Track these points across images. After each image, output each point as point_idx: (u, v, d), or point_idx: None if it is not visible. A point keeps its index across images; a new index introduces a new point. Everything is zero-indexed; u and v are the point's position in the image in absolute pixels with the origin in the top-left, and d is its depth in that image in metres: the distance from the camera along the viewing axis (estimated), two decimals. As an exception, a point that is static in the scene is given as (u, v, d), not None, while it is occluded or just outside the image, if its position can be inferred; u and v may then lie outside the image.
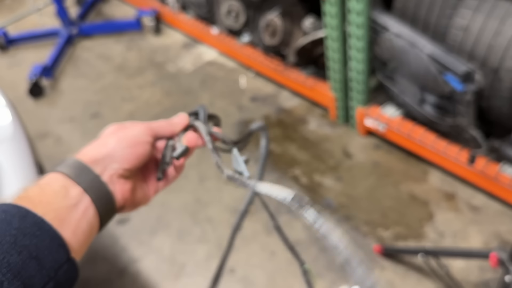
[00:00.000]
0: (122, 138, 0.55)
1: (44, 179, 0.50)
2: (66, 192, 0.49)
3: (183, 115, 0.65)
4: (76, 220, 0.48)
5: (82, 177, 0.50)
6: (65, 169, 0.50)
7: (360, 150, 2.17)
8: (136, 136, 0.56)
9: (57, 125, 2.62)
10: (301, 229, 1.87)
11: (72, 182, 0.49)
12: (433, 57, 1.67)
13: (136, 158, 0.55)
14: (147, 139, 0.57)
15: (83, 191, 0.50)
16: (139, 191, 0.58)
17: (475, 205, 1.85)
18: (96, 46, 3.23)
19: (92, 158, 0.52)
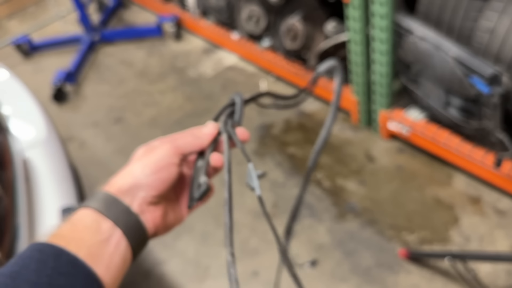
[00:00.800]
0: (147, 164, 0.53)
1: (76, 215, 0.50)
2: (98, 227, 0.49)
3: (212, 125, 0.62)
4: (109, 254, 0.48)
5: (112, 210, 0.50)
6: (95, 203, 0.51)
7: (383, 153, 2.16)
8: (161, 160, 0.54)
9: (80, 129, 2.67)
10: (325, 233, 1.87)
11: (103, 216, 0.50)
12: (458, 59, 1.66)
13: (162, 183, 0.54)
14: (173, 161, 0.55)
15: (113, 225, 0.50)
16: (171, 213, 0.58)
17: (501, 209, 1.83)
18: (118, 52, 3.28)
19: (119, 188, 0.52)
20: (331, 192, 2.04)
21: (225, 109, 0.65)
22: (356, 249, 1.80)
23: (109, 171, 1.59)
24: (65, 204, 1.12)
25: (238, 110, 0.64)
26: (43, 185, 1.16)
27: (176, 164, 0.55)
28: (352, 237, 1.84)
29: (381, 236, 1.82)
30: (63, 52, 3.39)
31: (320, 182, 2.08)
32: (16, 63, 3.38)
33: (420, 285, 1.66)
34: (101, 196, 0.51)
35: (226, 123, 0.62)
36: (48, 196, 1.13)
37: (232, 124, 0.62)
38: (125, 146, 2.49)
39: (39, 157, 1.23)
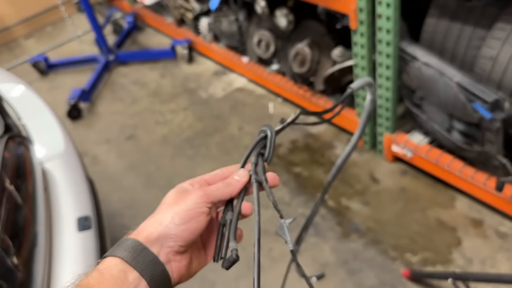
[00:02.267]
0: (177, 213, 0.54)
1: (103, 263, 0.51)
2: (125, 278, 0.50)
3: (243, 173, 0.61)
4: None
5: (139, 260, 0.51)
6: (123, 252, 0.51)
7: (387, 175, 2.20)
8: (192, 209, 0.54)
9: (94, 145, 2.75)
10: (329, 252, 1.90)
11: (129, 266, 0.50)
12: (462, 85, 1.72)
13: (191, 233, 0.54)
14: (203, 210, 0.55)
15: (139, 276, 0.51)
16: (196, 260, 0.59)
17: (503, 232, 1.86)
18: (132, 73, 3.39)
19: (148, 237, 0.53)
20: (336, 212, 2.07)
21: (257, 145, 0.62)
22: (360, 268, 1.82)
23: (120, 186, 1.68)
24: (81, 214, 1.18)
25: (270, 146, 0.62)
26: (61, 195, 1.22)
27: (205, 214, 0.56)
28: (356, 256, 1.87)
29: (384, 256, 1.85)
30: (78, 71, 3.51)
31: (325, 202, 2.13)
32: (33, 81, 3.50)
33: (423, 305, 1.68)
34: (129, 244, 0.52)
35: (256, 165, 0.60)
36: (66, 206, 1.19)
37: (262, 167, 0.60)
38: (136, 162, 2.55)
39: (57, 169, 1.29)
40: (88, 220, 1.14)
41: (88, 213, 1.17)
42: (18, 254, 0.99)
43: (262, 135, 0.63)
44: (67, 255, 1.05)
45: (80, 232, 1.11)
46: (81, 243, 1.09)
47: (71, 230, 1.12)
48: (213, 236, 0.61)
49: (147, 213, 2.05)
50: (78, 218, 1.15)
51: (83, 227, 1.12)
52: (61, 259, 1.04)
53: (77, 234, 1.11)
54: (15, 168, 1.18)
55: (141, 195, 2.32)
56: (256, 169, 0.61)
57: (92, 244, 1.10)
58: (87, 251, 1.08)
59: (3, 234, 0.97)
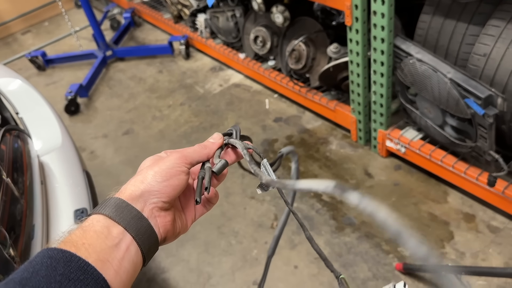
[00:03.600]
0: (158, 171, 0.55)
1: (87, 221, 0.51)
2: (108, 232, 0.49)
3: (218, 135, 0.65)
4: (119, 259, 0.49)
5: (123, 216, 0.51)
6: (106, 209, 0.51)
7: (381, 170, 2.23)
8: (171, 167, 0.56)
9: (91, 140, 2.76)
10: (324, 246, 1.93)
11: (113, 222, 0.50)
12: (455, 81, 1.74)
13: (173, 189, 0.55)
14: (182, 169, 0.57)
15: (124, 230, 0.50)
16: (178, 221, 0.59)
17: (495, 226, 1.89)
18: (129, 68, 3.40)
19: (131, 195, 0.53)
20: (330, 206, 2.10)
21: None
22: (354, 261, 1.85)
23: (118, 180, 1.72)
24: (78, 206, 1.20)
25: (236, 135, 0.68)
26: (58, 188, 1.24)
27: (185, 172, 0.57)
28: (350, 250, 1.90)
29: (378, 250, 1.87)
30: (76, 67, 3.52)
31: (320, 197, 2.15)
32: (30, 76, 3.50)
33: (415, 298, 1.70)
34: (112, 202, 0.52)
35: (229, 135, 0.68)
36: (63, 199, 1.21)
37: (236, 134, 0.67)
38: (133, 157, 2.57)
39: (54, 162, 1.31)
40: (85, 213, 1.16)
41: (85, 205, 1.19)
42: (15, 246, 1.01)
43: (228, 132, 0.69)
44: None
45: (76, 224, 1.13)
46: (77, 235, 1.10)
47: (68, 223, 1.13)
48: (190, 201, 0.63)
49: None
50: (75, 211, 1.17)
51: (80, 220, 1.14)
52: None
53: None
54: (12, 161, 1.20)
55: (138, 189, 2.34)
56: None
57: (88, 235, 1.11)
58: (83, 242, 1.09)
59: (0, 226, 0.99)
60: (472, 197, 1.99)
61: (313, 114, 2.67)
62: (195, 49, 3.43)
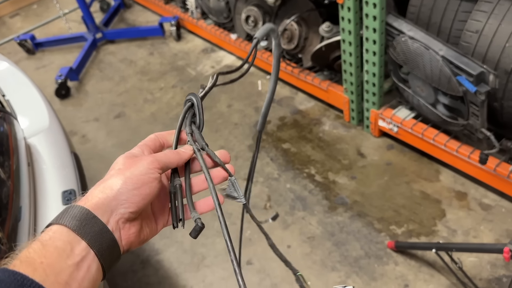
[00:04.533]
0: (129, 178, 0.51)
1: (48, 233, 0.47)
2: (71, 250, 0.46)
3: (189, 146, 0.61)
4: (79, 281, 0.46)
5: (87, 229, 0.47)
6: (70, 221, 0.47)
7: (374, 150, 2.23)
8: (144, 173, 0.52)
9: (83, 124, 2.74)
10: (316, 225, 1.93)
11: (77, 237, 0.47)
12: (447, 59, 1.73)
13: (143, 199, 0.51)
14: (154, 175, 0.53)
15: (87, 246, 0.47)
16: (146, 228, 0.56)
17: (487, 204, 1.90)
18: (120, 51, 3.35)
19: (98, 203, 0.49)
20: (323, 186, 2.10)
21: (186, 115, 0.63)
22: (346, 240, 1.86)
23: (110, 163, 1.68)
24: (66, 187, 1.19)
25: (199, 112, 0.63)
26: (46, 169, 1.23)
27: (158, 180, 0.53)
28: (342, 229, 1.90)
29: (370, 229, 1.88)
30: (66, 50, 3.47)
31: (313, 177, 2.15)
32: (20, 59, 3.45)
33: (407, 275, 1.72)
34: (76, 212, 0.48)
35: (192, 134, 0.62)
36: (50, 180, 1.20)
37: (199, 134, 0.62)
38: (125, 140, 2.55)
39: (42, 143, 1.29)
40: (72, 194, 1.15)
41: (73, 187, 1.18)
42: (1, 228, 1.00)
43: (188, 104, 0.63)
44: (52, 227, 1.06)
45: (65, 205, 1.12)
46: (66, 216, 1.10)
47: (56, 204, 1.13)
48: (162, 204, 0.59)
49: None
50: (63, 192, 1.16)
51: (68, 201, 1.13)
52: (46, 232, 1.05)
53: (62, 208, 1.11)
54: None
55: (131, 172, 2.33)
56: (194, 138, 0.61)
57: (77, 216, 1.11)
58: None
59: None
60: (464, 175, 1.99)
61: (305, 95, 2.65)
62: (186, 31, 3.38)
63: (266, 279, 1.78)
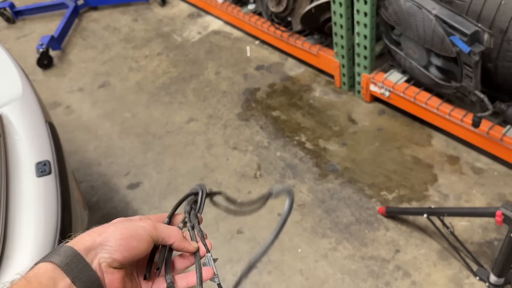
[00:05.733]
0: (119, 229, 0.52)
1: (33, 270, 0.48)
2: (53, 285, 0.47)
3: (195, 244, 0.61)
4: None
5: (72, 267, 0.49)
6: (57, 258, 0.49)
7: (365, 116, 2.18)
8: (135, 230, 0.53)
9: (67, 94, 2.66)
10: (307, 193, 1.90)
11: (61, 273, 0.48)
12: (441, 18, 1.66)
13: (128, 251, 0.52)
14: (146, 235, 0.54)
15: (71, 283, 0.48)
16: (129, 284, 0.56)
17: (479, 168, 1.87)
18: (103, 18, 3.23)
19: (86, 246, 0.51)
20: (313, 153, 2.06)
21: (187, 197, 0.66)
22: (337, 207, 1.83)
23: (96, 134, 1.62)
24: (40, 159, 1.13)
25: (201, 201, 0.65)
26: (19, 140, 1.17)
27: (147, 239, 0.54)
28: (333, 196, 1.87)
29: (361, 195, 1.86)
30: (47, 18, 3.34)
31: (303, 144, 2.10)
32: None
33: (398, 240, 1.70)
34: (63, 250, 0.50)
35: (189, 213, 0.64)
36: (24, 151, 1.14)
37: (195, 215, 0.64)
38: (111, 110, 2.48)
39: (14, 113, 1.23)
40: (47, 165, 1.10)
41: (48, 157, 1.12)
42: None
43: (194, 192, 0.66)
44: (26, 201, 1.01)
45: (39, 177, 1.07)
46: (40, 189, 1.04)
47: (30, 176, 1.07)
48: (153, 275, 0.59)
49: (123, 161, 2.03)
50: (37, 163, 1.10)
51: (42, 173, 1.08)
52: (19, 205, 1.01)
53: (35, 180, 1.06)
54: (-34, 113, 1.12)
55: (117, 143, 2.27)
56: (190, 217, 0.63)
57: (52, 189, 1.06)
58: (46, 196, 1.04)
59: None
60: (457, 139, 1.95)
61: (296, 60, 2.57)
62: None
63: (257, 247, 1.76)
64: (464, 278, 1.56)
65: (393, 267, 1.62)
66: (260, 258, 0.58)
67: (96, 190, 2.08)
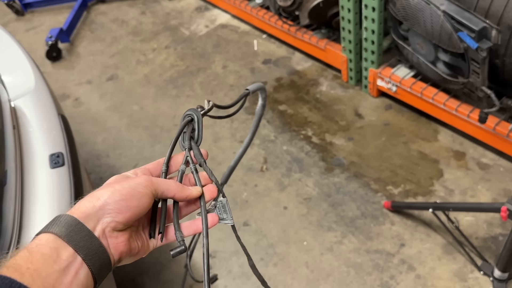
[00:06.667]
0: (117, 189, 0.51)
1: (35, 241, 0.48)
2: (57, 255, 0.46)
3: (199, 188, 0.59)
4: (66, 284, 0.46)
5: (74, 236, 0.48)
6: (57, 228, 0.48)
7: (372, 110, 2.18)
8: (133, 188, 0.52)
9: (75, 87, 2.68)
10: (313, 187, 1.92)
11: (63, 243, 0.47)
12: (449, 13, 1.66)
13: (130, 211, 0.51)
14: (145, 191, 0.52)
15: (74, 252, 0.47)
16: (137, 242, 0.55)
17: (485, 163, 1.88)
18: (111, 10, 3.24)
19: (85, 212, 0.49)
20: (320, 148, 2.07)
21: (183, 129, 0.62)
22: (343, 201, 1.85)
23: (104, 126, 1.64)
24: (54, 150, 1.16)
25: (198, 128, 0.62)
26: (32, 132, 1.19)
27: (148, 196, 0.53)
28: (338, 190, 1.89)
29: (367, 189, 1.87)
30: (56, 10, 3.35)
31: (309, 138, 2.12)
32: (8, 21, 3.35)
33: (403, 234, 1.72)
34: (63, 220, 0.49)
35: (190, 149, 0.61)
36: (37, 143, 1.16)
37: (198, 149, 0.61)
38: (119, 103, 2.50)
39: (28, 106, 1.25)
40: (60, 157, 1.12)
41: (61, 149, 1.15)
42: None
43: (187, 119, 0.62)
44: (40, 192, 1.04)
45: (52, 169, 1.09)
46: (53, 180, 1.07)
47: (44, 168, 1.10)
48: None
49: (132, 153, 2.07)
50: (51, 155, 1.13)
51: (56, 164, 1.10)
52: (34, 197, 1.03)
53: (49, 171, 1.09)
54: (-19, 106, 1.14)
55: (126, 135, 2.30)
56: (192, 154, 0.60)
57: (65, 180, 1.08)
58: (60, 188, 1.06)
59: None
60: (463, 134, 1.96)
61: (303, 54, 2.58)
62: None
63: (263, 239, 1.79)
64: (468, 273, 1.58)
65: (398, 261, 1.64)
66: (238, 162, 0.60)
67: (105, 181, 2.11)
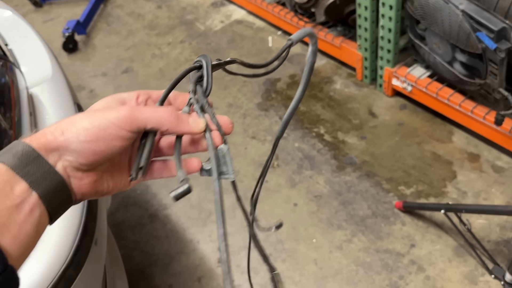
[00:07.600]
0: (86, 128, 0.43)
1: None
2: (10, 189, 0.41)
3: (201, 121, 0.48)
4: (19, 223, 0.40)
5: (30, 170, 0.42)
6: (11, 159, 0.41)
7: (386, 110, 2.17)
8: (103, 128, 0.43)
9: (90, 78, 2.71)
10: (324, 185, 1.91)
11: (17, 176, 0.41)
12: (467, 13, 1.64)
13: (95, 154, 0.44)
14: (118, 133, 0.44)
15: (29, 187, 0.41)
16: (108, 181, 0.48)
17: (500, 166, 1.85)
18: (127, 4, 3.27)
19: (46, 144, 0.43)
20: (332, 146, 2.06)
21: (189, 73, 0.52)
22: (354, 199, 1.84)
23: None
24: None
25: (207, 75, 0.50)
26: (49, 120, 1.21)
27: (122, 138, 0.44)
28: (350, 188, 1.88)
29: (378, 189, 1.86)
30: (73, 3, 3.39)
31: (322, 136, 2.11)
32: (27, 13, 3.39)
33: (414, 235, 1.70)
34: (20, 150, 0.42)
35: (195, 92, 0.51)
36: None
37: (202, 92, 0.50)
38: (133, 96, 2.52)
39: (44, 93, 1.26)
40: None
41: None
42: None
43: (196, 65, 0.51)
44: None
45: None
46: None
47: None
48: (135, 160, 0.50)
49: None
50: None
51: None
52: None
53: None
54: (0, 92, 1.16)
55: (138, 128, 2.31)
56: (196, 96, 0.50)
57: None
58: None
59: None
60: (478, 136, 1.94)
61: (318, 52, 2.57)
62: (196, -16, 3.27)
63: (272, 235, 1.79)
64: (479, 276, 1.56)
65: (408, 261, 1.63)
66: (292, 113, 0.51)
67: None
